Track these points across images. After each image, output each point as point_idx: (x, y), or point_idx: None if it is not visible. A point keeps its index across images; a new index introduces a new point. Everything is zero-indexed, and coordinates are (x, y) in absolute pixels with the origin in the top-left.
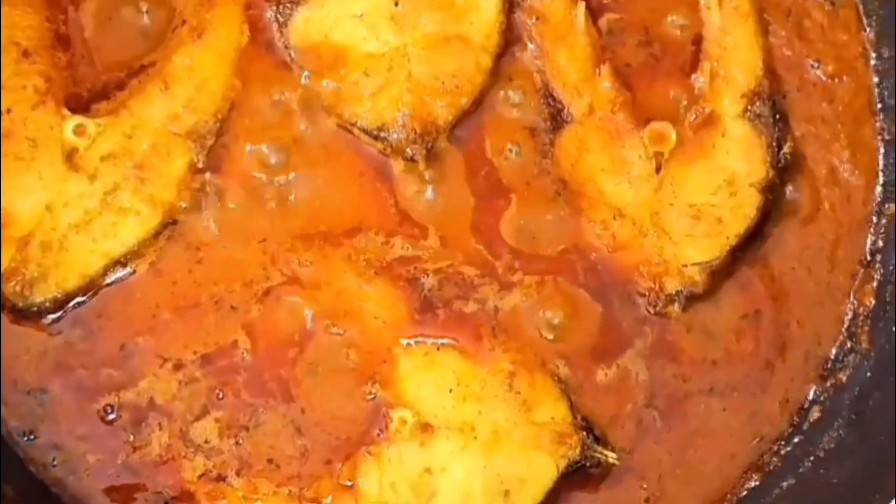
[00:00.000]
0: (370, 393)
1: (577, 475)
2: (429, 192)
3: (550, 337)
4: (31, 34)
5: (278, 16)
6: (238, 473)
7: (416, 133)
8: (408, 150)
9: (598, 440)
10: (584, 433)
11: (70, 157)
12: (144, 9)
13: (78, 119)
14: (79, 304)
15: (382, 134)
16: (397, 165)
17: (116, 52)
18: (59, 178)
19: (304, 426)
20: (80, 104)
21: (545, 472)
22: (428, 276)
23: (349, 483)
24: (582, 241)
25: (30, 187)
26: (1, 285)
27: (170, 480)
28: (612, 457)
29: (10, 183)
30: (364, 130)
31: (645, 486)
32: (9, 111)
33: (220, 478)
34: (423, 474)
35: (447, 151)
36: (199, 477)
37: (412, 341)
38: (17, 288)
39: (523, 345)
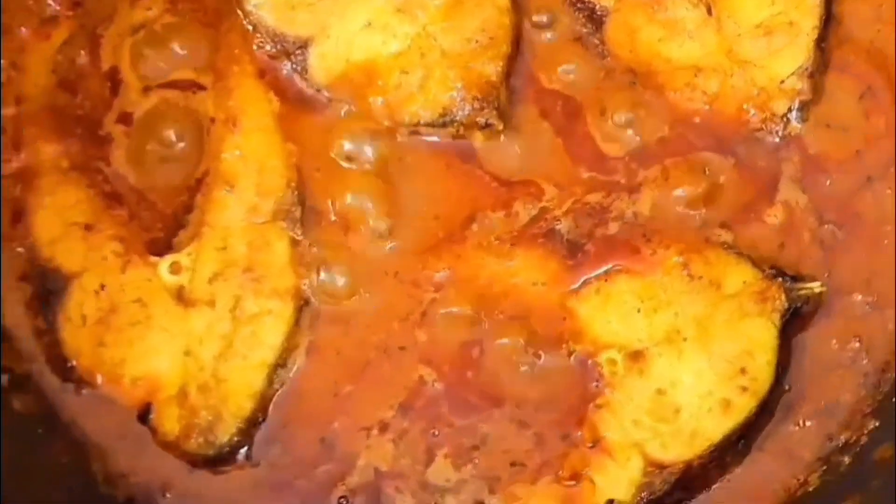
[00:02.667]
0: (569, 353)
1: (795, 322)
2: (517, 150)
3: (701, 212)
4: (83, 208)
5: (294, 66)
6: (492, 491)
7: (478, 100)
8: (479, 119)
9: (795, 279)
10: (780, 279)
11: (180, 296)
12: (171, 132)
13: (168, 259)
14: (261, 423)
15: (448, 118)
16: (476, 140)
17: (167, 181)
18: (181, 320)
19: (526, 417)
20: (162, 245)
21: (765, 333)
22: (560, 221)
23: (594, 444)
24: (678, 112)
25: (159, 345)
26: None
27: None
28: (817, 286)
29: (140, 350)
30: (430, 124)
31: (860, 296)
32: (103, 287)
33: None
34: (658, 398)
35: (514, 104)
36: None
37: (578, 287)
38: (200, 440)
39: (680, 233)
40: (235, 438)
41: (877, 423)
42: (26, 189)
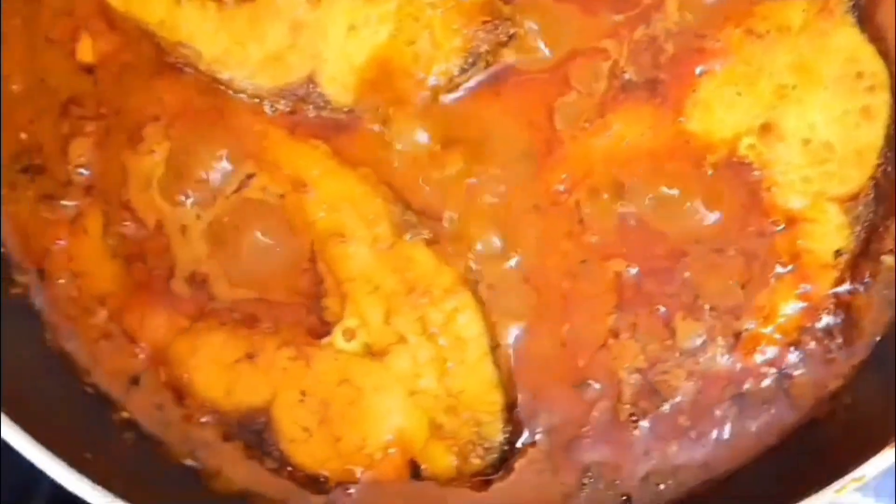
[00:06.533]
0: (713, 167)
1: (866, 12)
2: (545, 38)
3: None
4: (232, 345)
5: (316, 105)
6: (738, 318)
7: (488, 22)
8: (500, 38)
9: None
10: None
11: (371, 352)
12: (255, 234)
13: (336, 332)
14: (516, 406)
15: (474, 55)
16: (508, 58)
17: (283, 277)
18: (387, 371)
19: (717, 243)
20: (321, 325)
21: (851, 34)
22: (626, 71)
23: (789, 221)
24: None
25: (384, 405)
26: None
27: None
28: None
29: (371, 422)
30: (464, 70)
31: None
32: (304, 394)
33: None
34: (808, 147)
35: (516, 4)
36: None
37: (677, 112)
38: (479, 452)
39: (723, 11)
40: (508, 429)
41: None
42: (167, 366)
